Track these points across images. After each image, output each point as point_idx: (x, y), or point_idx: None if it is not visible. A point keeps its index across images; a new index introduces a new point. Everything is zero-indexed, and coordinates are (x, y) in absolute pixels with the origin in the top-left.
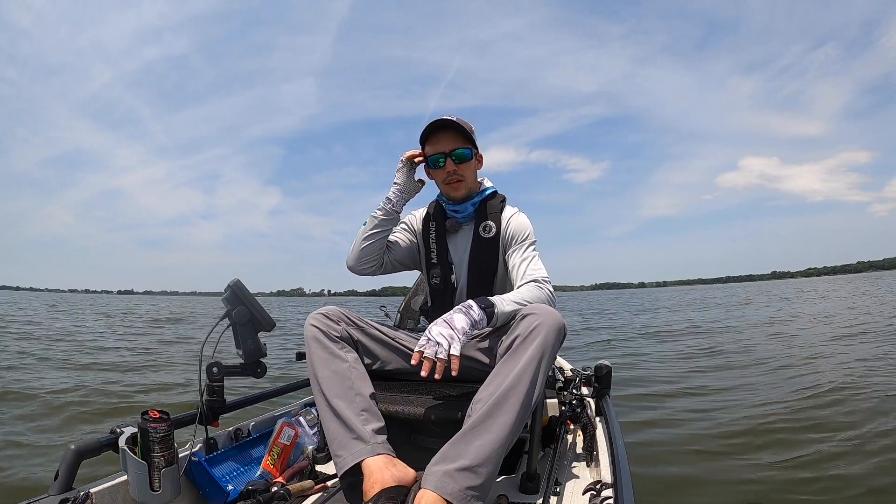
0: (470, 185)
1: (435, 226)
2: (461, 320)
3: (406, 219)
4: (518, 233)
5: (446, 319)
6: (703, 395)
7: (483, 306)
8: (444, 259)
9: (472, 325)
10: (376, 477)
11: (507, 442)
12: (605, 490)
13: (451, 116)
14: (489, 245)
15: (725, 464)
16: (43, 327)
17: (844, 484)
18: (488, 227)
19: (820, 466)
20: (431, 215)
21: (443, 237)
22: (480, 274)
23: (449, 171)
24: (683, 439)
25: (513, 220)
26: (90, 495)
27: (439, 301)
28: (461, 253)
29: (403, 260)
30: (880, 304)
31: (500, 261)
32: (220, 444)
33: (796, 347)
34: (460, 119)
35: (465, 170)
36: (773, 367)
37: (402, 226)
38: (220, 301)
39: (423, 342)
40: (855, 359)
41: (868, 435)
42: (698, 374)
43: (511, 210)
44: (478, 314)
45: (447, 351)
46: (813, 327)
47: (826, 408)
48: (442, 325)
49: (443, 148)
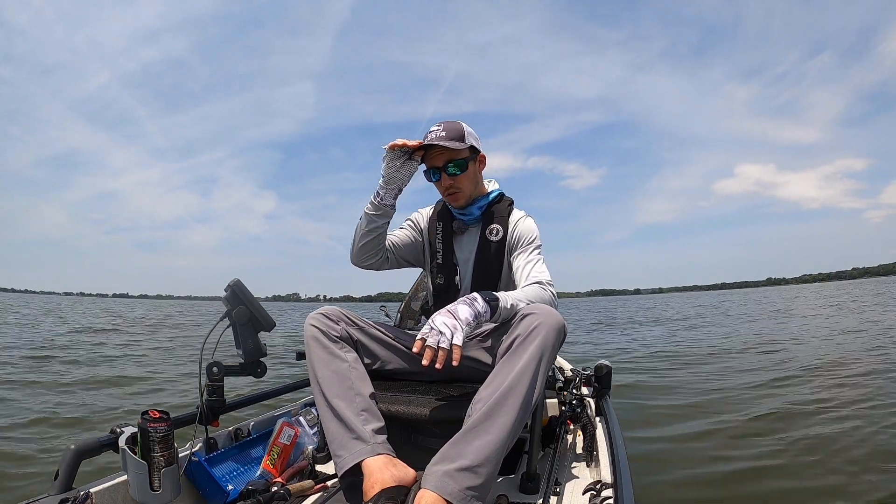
0: (469, 193)
1: (441, 226)
2: (465, 311)
3: (413, 216)
4: (524, 236)
5: (450, 310)
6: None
7: (487, 299)
8: (449, 260)
9: (476, 316)
10: (376, 477)
11: (507, 442)
12: (605, 490)
13: (437, 129)
14: (495, 248)
15: (726, 463)
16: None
17: (855, 485)
18: (495, 230)
19: (830, 468)
20: (438, 215)
21: (449, 238)
22: (485, 276)
23: (445, 185)
24: (684, 439)
25: (520, 223)
26: (90, 495)
27: (441, 302)
28: (467, 255)
29: (408, 257)
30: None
31: (506, 264)
32: (220, 443)
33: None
34: (448, 126)
35: (462, 181)
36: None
37: (408, 223)
38: (221, 301)
39: (426, 330)
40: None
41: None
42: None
43: (518, 213)
44: (482, 306)
45: (449, 340)
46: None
47: (842, 410)
48: (445, 315)
49: (436, 162)
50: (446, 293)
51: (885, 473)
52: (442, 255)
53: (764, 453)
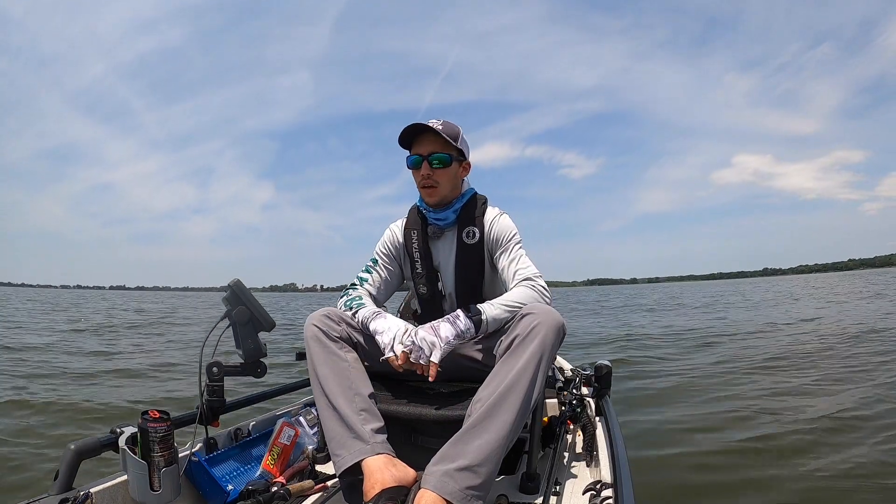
0: (444, 192)
1: (416, 234)
2: (446, 329)
3: (385, 238)
4: (502, 235)
5: (433, 326)
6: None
7: (471, 315)
8: (429, 267)
9: (458, 335)
10: (376, 477)
11: (507, 441)
12: (605, 490)
13: (435, 121)
14: (474, 250)
15: (726, 465)
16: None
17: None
18: (471, 232)
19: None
20: (412, 223)
21: (426, 245)
22: (467, 280)
23: (424, 174)
24: (685, 439)
25: (495, 222)
26: (90, 495)
27: (429, 309)
28: (446, 260)
29: (395, 285)
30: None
31: (487, 265)
32: (220, 443)
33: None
34: (447, 123)
35: (441, 176)
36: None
37: (382, 250)
38: (221, 300)
39: (408, 344)
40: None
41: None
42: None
43: (493, 212)
44: (464, 324)
45: (428, 357)
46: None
47: (845, 412)
48: (427, 331)
49: (421, 150)
50: (431, 300)
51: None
52: (421, 263)
53: (765, 454)
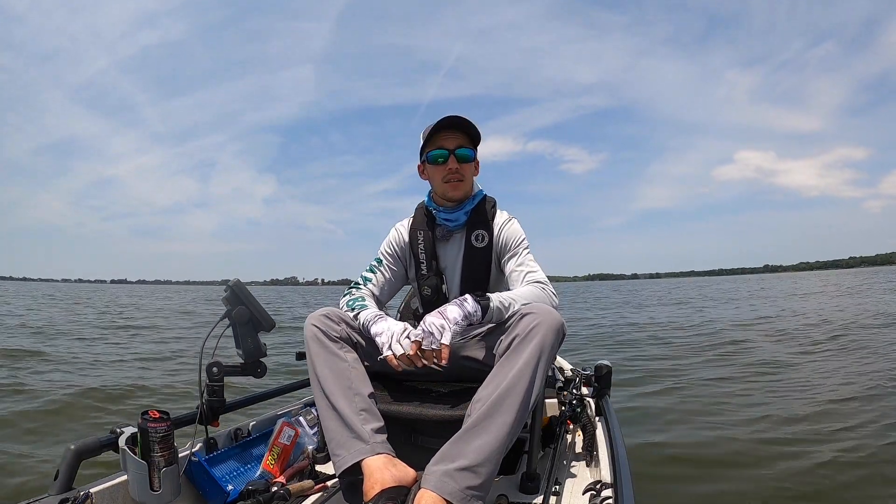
0: (468, 186)
1: (423, 235)
2: (454, 311)
3: (391, 238)
4: (511, 240)
5: (440, 310)
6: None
7: (478, 299)
8: (434, 269)
9: (466, 316)
10: (376, 477)
11: (507, 441)
12: (605, 490)
13: (465, 116)
14: (482, 255)
15: (727, 464)
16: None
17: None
18: (480, 236)
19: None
20: (419, 223)
21: (432, 246)
22: (473, 284)
23: (451, 168)
24: (684, 437)
25: (505, 228)
26: (90, 495)
27: (430, 310)
28: (453, 262)
29: (399, 286)
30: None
31: (493, 269)
32: (220, 443)
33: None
34: (473, 122)
35: (466, 170)
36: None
37: (387, 251)
38: (221, 300)
39: (418, 333)
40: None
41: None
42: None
43: (502, 216)
44: (471, 306)
45: (439, 340)
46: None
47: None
48: (435, 316)
49: (448, 145)
50: (435, 303)
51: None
52: (427, 264)
53: (766, 454)
